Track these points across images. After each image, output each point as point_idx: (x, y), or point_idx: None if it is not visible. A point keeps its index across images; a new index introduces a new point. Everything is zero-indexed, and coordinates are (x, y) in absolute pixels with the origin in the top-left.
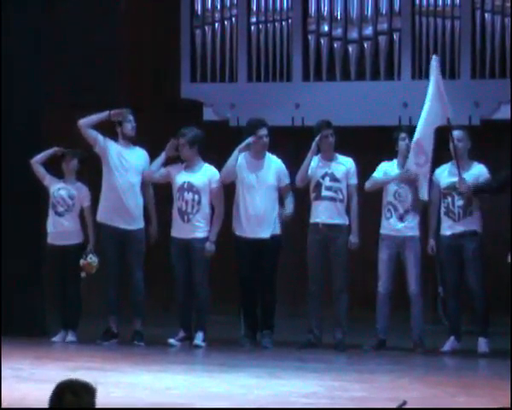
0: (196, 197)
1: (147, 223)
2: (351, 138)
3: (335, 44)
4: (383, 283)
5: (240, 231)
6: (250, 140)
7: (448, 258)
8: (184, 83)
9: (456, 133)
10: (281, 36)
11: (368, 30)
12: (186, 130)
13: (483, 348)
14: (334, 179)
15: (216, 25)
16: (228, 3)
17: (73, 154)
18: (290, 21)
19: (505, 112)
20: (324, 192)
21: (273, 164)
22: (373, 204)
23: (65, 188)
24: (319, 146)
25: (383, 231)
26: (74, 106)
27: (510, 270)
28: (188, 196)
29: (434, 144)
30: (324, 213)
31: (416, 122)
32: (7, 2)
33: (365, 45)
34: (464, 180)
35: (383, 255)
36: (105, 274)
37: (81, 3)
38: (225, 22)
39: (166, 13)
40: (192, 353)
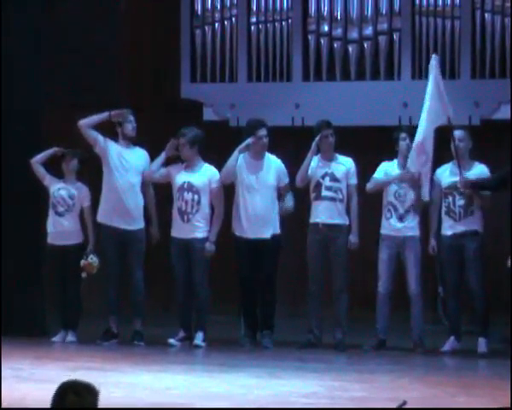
0: (196, 197)
1: (147, 223)
2: (351, 138)
3: (335, 44)
4: (383, 283)
5: (240, 232)
6: (250, 141)
7: (449, 258)
8: (184, 83)
9: (457, 133)
10: (281, 36)
11: (368, 30)
12: (186, 130)
13: (483, 349)
14: (334, 179)
15: (216, 25)
16: (228, 3)
17: (73, 154)
18: (290, 21)
19: (505, 112)
20: (324, 192)
21: (273, 164)
22: (373, 204)
23: (65, 188)
24: (319, 146)
25: (383, 232)
26: (74, 106)
27: (510, 274)
28: (187, 196)
29: (435, 144)
30: (324, 213)
31: (416, 122)
32: (7, 2)
33: (365, 45)
34: (465, 177)
35: (383, 255)
36: (105, 274)
37: (81, 3)
38: (225, 22)
39: (166, 13)
40: (192, 353)
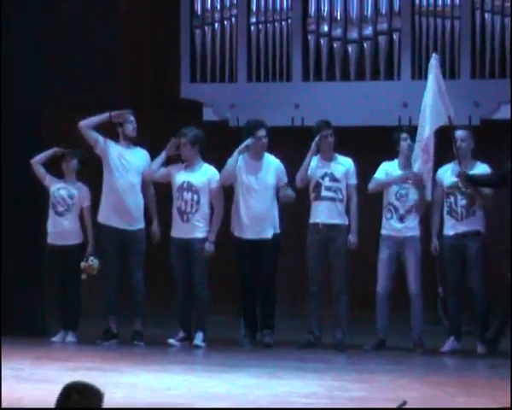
0: (195, 197)
1: (147, 223)
2: (350, 138)
3: (335, 44)
4: (382, 283)
5: (239, 232)
6: (249, 142)
7: (451, 258)
8: (184, 83)
9: (459, 133)
10: (281, 36)
11: (368, 30)
12: (187, 129)
13: (483, 349)
14: (333, 179)
15: (216, 25)
16: (228, 3)
17: (73, 154)
18: (290, 21)
19: (505, 112)
20: (324, 192)
21: (272, 164)
22: (373, 204)
23: (65, 188)
24: (319, 146)
25: (383, 232)
26: (74, 106)
27: (510, 282)
28: (187, 196)
29: (436, 144)
30: (324, 213)
31: (416, 122)
32: (7, 2)
33: (365, 45)
34: (464, 172)
35: (383, 255)
36: (105, 274)
37: (81, 3)
38: (225, 22)
39: (166, 13)
40: (192, 353)
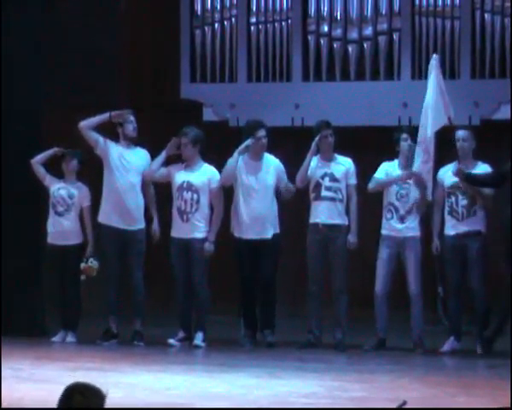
0: (195, 197)
1: (147, 223)
2: (350, 138)
3: (335, 45)
4: (380, 283)
5: (239, 233)
6: (249, 142)
7: (451, 258)
8: (184, 83)
9: (461, 133)
10: (281, 36)
11: (367, 30)
12: (188, 129)
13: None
14: (333, 179)
15: (216, 25)
16: (228, 4)
17: (73, 154)
18: (290, 22)
19: (505, 112)
20: (324, 192)
21: (271, 164)
22: (373, 204)
23: (65, 187)
24: (319, 146)
25: (384, 232)
26: (74, 106)
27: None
28: (187, 196)
29: (436, 144)
30: (324, 213)
31: (417, 122)
32: (7, 2)
33: (365, 45)
34: (461, 168)
35: (383, 255)
36: (105, 274)
37: (81, 3)
38: (225, 22)
39: (166, 13)
40: (192, 353)
